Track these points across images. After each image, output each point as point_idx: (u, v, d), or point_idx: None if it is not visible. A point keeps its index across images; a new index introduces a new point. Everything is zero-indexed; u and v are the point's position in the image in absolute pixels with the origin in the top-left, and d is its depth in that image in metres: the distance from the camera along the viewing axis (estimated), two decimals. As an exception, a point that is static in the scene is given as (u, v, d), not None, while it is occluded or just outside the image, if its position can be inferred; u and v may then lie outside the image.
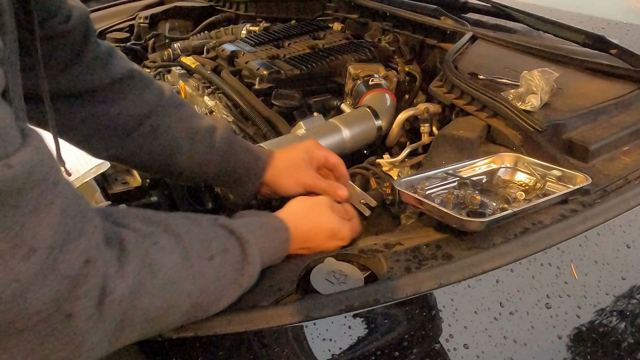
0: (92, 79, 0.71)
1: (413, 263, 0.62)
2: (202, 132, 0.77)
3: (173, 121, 0.76)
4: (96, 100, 0.72)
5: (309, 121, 1.02)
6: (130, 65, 0.76)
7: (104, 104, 0.72)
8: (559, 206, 0.72)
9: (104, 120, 0.73)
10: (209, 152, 0.77)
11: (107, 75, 0.72)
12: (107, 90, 0.73)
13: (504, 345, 0.57)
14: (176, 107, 0.78)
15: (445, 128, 0.93)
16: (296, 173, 0.80)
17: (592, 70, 1.06)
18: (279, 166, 0.81)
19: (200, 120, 0.78)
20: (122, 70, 0.74)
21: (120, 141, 0.74)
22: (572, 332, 0.61)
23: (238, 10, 1.71)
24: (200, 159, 0.77)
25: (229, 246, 0.56)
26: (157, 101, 0.76)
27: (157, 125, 0.75)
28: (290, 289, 0.59)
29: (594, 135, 0.85)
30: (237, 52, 1.31)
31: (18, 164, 0.34)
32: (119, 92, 0.74)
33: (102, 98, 0.72)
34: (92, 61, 0.71)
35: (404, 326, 0.57)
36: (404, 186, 0.73)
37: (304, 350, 0.54)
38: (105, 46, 0.74)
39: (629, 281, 0.68)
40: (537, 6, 1.58)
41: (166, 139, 0.76)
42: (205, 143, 0.77)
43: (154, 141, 0.75)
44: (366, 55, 1.26)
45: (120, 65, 0.74)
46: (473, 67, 1.05)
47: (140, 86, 0.75)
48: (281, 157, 0.82)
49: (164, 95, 0.77)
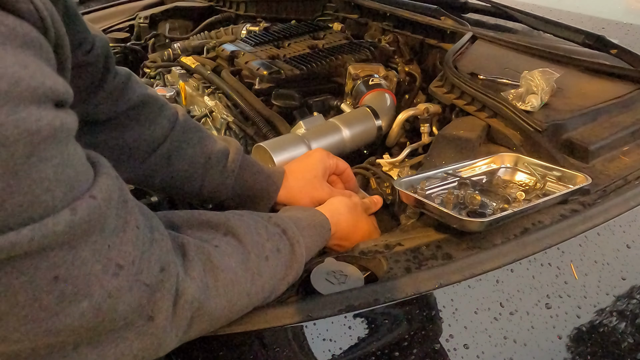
0: (110, 107, 0.71)
1: (413, 263, 0.62)
2: (215, 157, 0.78)
3: (187, 147, 0.77)
4: (112, 127, 0.72)
5: (309, 121, 1.02)
6: (145, 90, 0.76)
7: (119, 131, 0.73)
8: (559, 206, 0.72)
9: (119, 146, 0.73)
10: (222, 177, 0.78)
11: (124, 103, 0.72)
12: (122, 117, 0.73)
13: (504, 346, 0.57)
14: (190, 131, 0.78)
15: (445, 128, 0.93)
16: (311, 191, 0.81)
17: (592, 70, 1.06)
18: (293, 186, 0.81)
19: (213, 145, 0.79)
20: (138, 96, 0.74)
21: (135, 166, 0.75)
22: (572, 332, 0.61)
23: (238, 10, 1.71)
24: (213, 184, 0.78)
25: (281, 246, 0.59)
26: (171, 126, 0.76)
27: (171, 151, 0.76)
28: (291, 290, 0.60)
29: (594, 135, 0.85)
30: (237, 52, 1.31)
31: (99, 194, 0.38)
32: (134, 119, 0.74)
33: (117, 125, 0.73)
34: (112, 90, 0.71)
35: (404, 326, 0.57)
36: (404, 186, 0.73)
37: (304, 350, 0.54)
38: (123, 73, 0.74)
39: (629, 281, 0.68)
40: (537, 6, 1.59)
41: (180, 165, 0.77)
42: (219, 168, 0.78)
43: (168, 167, 0.76)
44: (366, 55, 1.26)
45: (137, 92, 0.74)
46: (473, 67, 1.05)
47: (154, 111, 0.75)
48: (294, 177, 0.82)
49: (177, 120, 0.78)
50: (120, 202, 0.41)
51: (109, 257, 0.39)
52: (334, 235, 0.71)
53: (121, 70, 0.74)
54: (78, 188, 0.37)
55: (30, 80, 0.33)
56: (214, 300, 0.49)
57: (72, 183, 0.37)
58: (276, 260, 0.57)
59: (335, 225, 0.71)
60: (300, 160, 0.85)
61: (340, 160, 0.86)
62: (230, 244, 0.54)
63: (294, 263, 0.59)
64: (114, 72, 0.72)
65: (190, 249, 0.49)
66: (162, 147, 0.75)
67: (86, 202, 0.37)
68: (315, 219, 0.69)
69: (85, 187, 0.38)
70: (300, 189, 0.81)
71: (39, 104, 0.34)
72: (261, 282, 0.54)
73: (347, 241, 0.74)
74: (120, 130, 0.73)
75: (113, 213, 0.40)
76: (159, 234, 0.46)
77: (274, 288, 0.57)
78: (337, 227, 0.72)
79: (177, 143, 0.76)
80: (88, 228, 0.37)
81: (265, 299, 0.56)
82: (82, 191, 0.38)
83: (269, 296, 0.57)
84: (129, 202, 0.43)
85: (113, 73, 0.71)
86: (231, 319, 0.54)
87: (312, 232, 0.66)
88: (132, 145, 0.74)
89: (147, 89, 0.77)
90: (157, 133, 0.75)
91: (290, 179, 0.82)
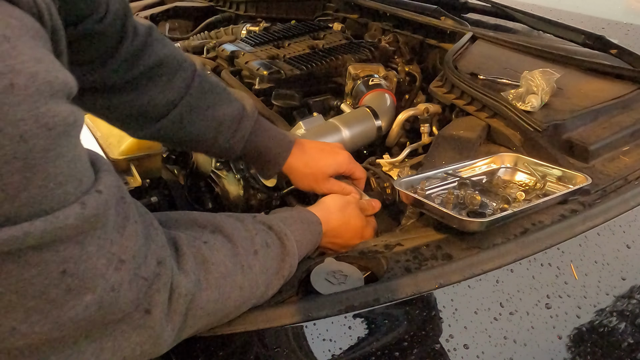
0: (125, 71, 0.72)
1: (413, 263, 0.62)
2: (227, 122, 0.79)
3: (199, 111, 0.78)
4: (126, 91, 0.73)
5: (308, 121, 1.02)
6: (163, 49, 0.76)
7: (134, 94, 0.74)
8: (559, 206, 0.72)
9: (133, 109, 0.75)
10: (233, 141, 0.80)
11: (141, 66, 0.73)
12: (138, 80, 0.74)
13: (504, 346, 0.57)
14: (204, 93, 0.79)
15: (445, 128, 0.93)
16: (313, 184, 0.83)
17: (592, 70, 1.06)
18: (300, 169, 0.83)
19: (226, 107, 0.79)
20: (155, 57, 0.74)
21: (150, 126, 0.77)
22: (572, 332, 0.61)
23: (238, 10, 1.71)
24: (223, 146, 0.80)
25: (269, 241, 0.59)
26: (186, 89, 0.77)
27: (184, 114, 0.77)
28: (291, 291, 0.60)
29: (594, 135, 0.85)
30: (237, 52, 1.31)
31: (105, 189, 0.39)
32: (149, 81, 0.75)
33: (132, 88, 0.74)
34: (128, 55, 0.71)
35: (404, 326, 0.57)
36: (404, 186, 0.73)
37: (304, 350, 0.54)
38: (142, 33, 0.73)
39: (629, 281, 0.68)
40: (537, 6, 1.59)
41: (192, 128, 0.78)
42: (230, 132, 0.79)
43: (180, 129, 0.78)
44: (366, 55, 1.26)
45: (154, 52, 0.74)
46: (473, 67, 1.05)
47: (170, 72, 0.76)
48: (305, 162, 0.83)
49: (193, 81, 0.78)
50: (120, 198, 0.42)
51: (112, 251, 0.40)
52: (326, 233, 0.71)
53: (141, 29, 0.73)
54: (86, 183, 0.38)
55: (46, 74, 0.34)
56: (206, 292, 0.49)
57: (81, 178, 0.38)
58: (266, 254, 0.57)
59: (326, 224, 0.71)
60: (322, 150, 0.86)
61: (359, 168, 0.87)
62: (218, 240, 0.55)
63: (285, 256, 0.60)
64: (132, 34, 0.72)
65: (183, 243, 0.50)
66: (175, 110, 0.76)
67: (94, 197, 0.38)
68: (302, 216, 0.69)
69: (90, 182, 0.39)
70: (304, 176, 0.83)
71: (55, 98, 0.35)
72: (252, 275, 0.55)
73: (340, 239, 0.73)
74: (135, 94, 0.74)
75: (114, 208, 0.41)
76: (153, 229, 0.46)
77: (268, 282, 0.57)
78: (328, 225, 0.71)
79: (190, 107, 0.77)
80: (95, 222, 0.38)
81: (262, 295, 0.57)
82: (88, 186, 0.39)
83: (265, 291, 0.57)
84: (127, 198, 0.44)
85: (131, 37, 0.71)
86: (228, 314, 0.54)
87: (300, 227, 0.66)
88: (146, 107, 0.75)
89: (165, 47, 0.76)
90: (171, 96, 0.76)
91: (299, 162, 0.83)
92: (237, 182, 1.06)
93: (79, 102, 0.67)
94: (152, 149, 1.04)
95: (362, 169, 0.88)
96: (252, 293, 0.55)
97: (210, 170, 1.09)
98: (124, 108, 0.74)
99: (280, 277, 0.59)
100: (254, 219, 0.62)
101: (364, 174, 0.88)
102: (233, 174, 1.06)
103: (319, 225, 0.69)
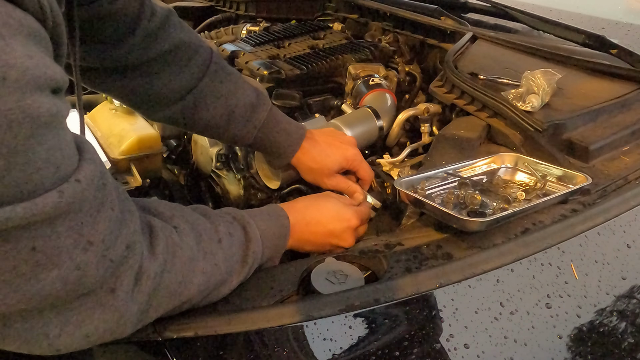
0: (141, 53, 0.72)
1: (413, 263, 0.62)
2: (239, 112, 0.80)
3: (213, 98, 0.79)
4: (141, 74, 0.74)
5: (310, 123, 1.02)
6: (180, 33, 0.76)
7: (148, 77, 0.75)
8: (559, 206, 0.72)
9: (146, 93, 0.76)
10: (244, 131, 0.81)
11: (156, 49, 0.73)
12: (153, 63, 0.74)
13: (505, 345, 0.57)
14: (220, 81, 0.79)
15: (446, 128, 0.93)
16: (319, 178, 0.86)
17: (592, 70, 1.06)
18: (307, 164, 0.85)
19: (240, 96, 0.80)
20: (171, 41, 0.75)
21: (165, 109, 0.78)
22: (572, 332, 0.61)
23: (238, 10, 1.71)
24: (235, 134, 0.82)
25: (232, 230, 0.61)
26: (201, 75, 0.78)
27: (198, 100, 0.78)
28: (291, 291, 0.60)
29: (594, 135, 0.85)
30: (237, 52, 1.31)
31: (84, 178, 0.42)
32: (164, 65, 0.75)
33: (147, 72, 0.74)
34: (144, 36, 0.72)
35: (404, 326, 0.57)
36: (404, 186, 0.73)
37: (304, 350, 0.54)
38: (159, 16, 0.74)
39: (629, 281, 0.68)
40: (537, 6, 1.59)
41: (204, 114, 0.79)
42: (242, 122, 0.80)
43: (194, 115, 0.79)
44: (366, 55, 1.26)
45: (171, 36, 0.75)
46: (473, 67, 1.05)
47: (186, 57, 0.77)
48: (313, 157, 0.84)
49: (209, 67, 0.79)
50: (99, 185, 0.44)
51: (81, 233, 0.42)
52: (296, 224, 0.70)
53: (160, 11, 0.74)
54: (64, 170, 0.41)
55: (35, 69, 0.37)
56: (171, 276, 0.52)
57: (59, 165, 0.40)
58: (230, 243, 0.60)
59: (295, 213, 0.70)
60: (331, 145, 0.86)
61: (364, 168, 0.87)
62: (186, 227, 0.57)
63: (249, 243, 0.62)
64: (149, 16, 0.72)
65: (157, 227, 0.53)
66: (189, 96, 0.77)
67: (72, 186, 0.41)
68: (268, 209, 0.70)
69: (70, 170, 0.41)
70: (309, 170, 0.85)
71: (40, 91, 0.37)
72: (215, 261, 0.57)
73: (321, 226, 0.71)
74: (150, 77, 0.75)
75: (92, 195, 0.43)
76: (129, 214, 0.49)
77: (232, 269, 0.59)
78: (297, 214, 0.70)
79: (205, 93, 0.78)
80: (69, 209, 0.41)
81: (225, 281, 0.58)
82: (68, 174, 0.41)
83: (229, 277, 0.58)
84: (108, 185, 0.46)
85: (147, 18, 0.72)
86: (191, 298, 0.54)
87: (265, 217, 0.67)
88: (161, 91, 0.76)
89: (182, 32, 0.77)
90: (186, 81, 0.76)
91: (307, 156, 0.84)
92: (237, 182, 1.06)
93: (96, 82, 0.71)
94: (153, 148, 1.04)
95: (368, 171, 0.88)
96: (215, 278, 0.56)
97: (210, 170, 1.09)
98: (139, 90, 0.75)
99: (244, 264, 0.60)
100: (220, 211, 0.64)
101: (368, 176, 0.88)
102: (233, 174, 1.06)
103: (285, 218, 0.69)
